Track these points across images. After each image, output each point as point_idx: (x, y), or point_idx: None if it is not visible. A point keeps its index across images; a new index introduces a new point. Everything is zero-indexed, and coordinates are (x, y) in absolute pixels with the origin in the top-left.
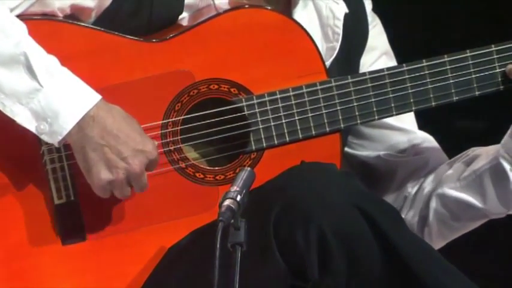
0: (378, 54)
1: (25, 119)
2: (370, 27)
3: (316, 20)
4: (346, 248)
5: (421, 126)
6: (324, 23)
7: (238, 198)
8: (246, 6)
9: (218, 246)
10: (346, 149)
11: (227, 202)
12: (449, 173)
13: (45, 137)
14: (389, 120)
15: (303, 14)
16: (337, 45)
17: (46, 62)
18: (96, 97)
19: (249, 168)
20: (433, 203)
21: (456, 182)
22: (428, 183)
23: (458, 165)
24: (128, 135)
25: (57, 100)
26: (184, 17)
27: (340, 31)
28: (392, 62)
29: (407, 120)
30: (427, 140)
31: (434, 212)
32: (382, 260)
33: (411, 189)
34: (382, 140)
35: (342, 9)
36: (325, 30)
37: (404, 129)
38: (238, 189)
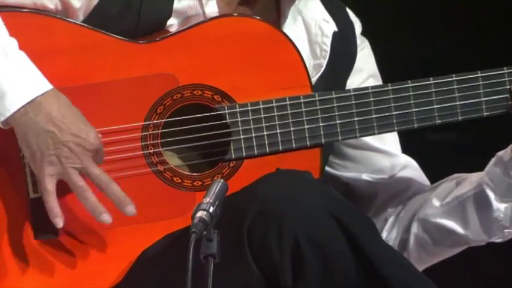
0: (365, 76)
1: None
2: (358, 49)
3: (304, 36)
4: (320, 256)
5: None
6: (312, 39)
7: (211, 209)
8: (235, 14)
9: (190, 258)
10: (327, 168)
11: (200, 214)
12: (432, 198)
13: None
14: (373, 142)
15: (292, 29)
16: (324, 62)
17: (4, 43)
18: (47, 86)
19: (222, 180)
20: (414, 228)
21: (438, 207)
22: (409, 208)
23: (441, 190)
24: (71, 122)
25: (6, 81)
26: (172, 24)
27: (328, 48)
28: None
29: (390, 142)
30: (409, 164)
31: (414, 237)
32: (356, 269)
33: (392, 212)
34: (365, 162)
35: (331, 28)
36: (313, 47)
37: (388, 151)
38: (211, 200)
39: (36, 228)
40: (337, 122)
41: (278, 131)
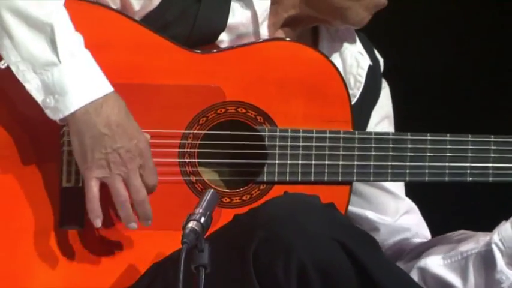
0: (381, 116)
1: (34, 88)
2: (382, 85)
3: (340, 66)
4: (326, 281)
5: None
6: (347, 70)
7: (202, 220)
8: (289, 39)
9: (182, 268)
10: None
11: (191, 224)
12: (435, 249)
13: (48, 112)
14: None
15: (330, 55)
16: (358, 93)
17: (71, 40)
18: (108, 88)
19: (212, 190)
20: (412, 274)
21: (440, 259)
22: (410, 253)
23: (445, 243)
24: (127, 129)
25: (70, 79)
26: (223, 40)
27: (363, 80)
28: (391, 128)
29: (398, 186)
30: (413, 209)
31: None
32: None
33: (389, 254)
34: (371, 199)
35: (366, 61)
36: (347, 76)
37: (394, 193)
38: (202, 211)
39: (62, 218)
40: (372, 163)
41: (313, 162)
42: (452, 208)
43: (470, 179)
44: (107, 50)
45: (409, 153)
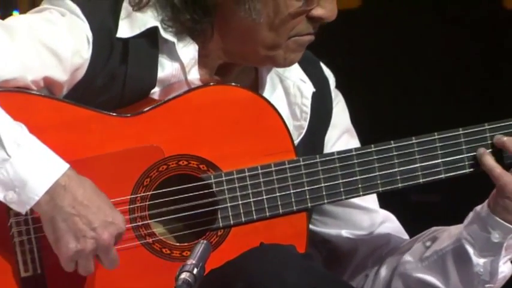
0: (340, 132)
1: None
2: (333, 104)
3: (283, 98)
4: None
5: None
6: (292, 101)
7: (195, 271)
8: (215, 83)
9: None
10: None
11: (183, 275)
12: (411, 253)
13: (14, 206)
14: (352, 199)
15: (270, 91)
16: (305, 124)
17: (13, 131)
18: (64, 166)
19: (205, 241)
20: (395, 283)
21: (418, 262)
22: (389, 262)
23: (420, 244)
24: (99, 207)
25: (24, 170)
26: (155, 91)
27: (309, 110)
28: (354, 140)
29: (369, 199)
30: (388, 218)
31: None
32: None
33: (372, 268)
34: (344, 218)
35: (309, 88)
36: (292, 108)
37: (367, 207)
38: (194, 262)
39: None
40: (323, 185)
41: (264, 197)
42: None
43: (445, 175)
44: (37, 137)
45: (357, 169)
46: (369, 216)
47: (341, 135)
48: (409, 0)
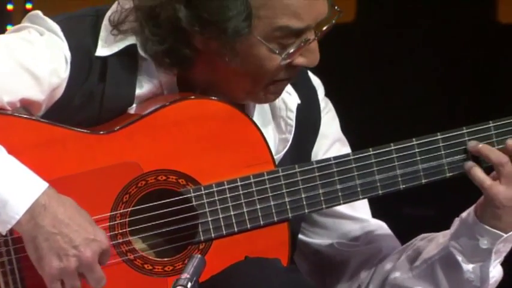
0: (330, 142)
1: None
2: (322, 113)
3: (268, 111)
4: None
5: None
6: (277, 114)
7: (189, 285)
8: (193, 97)
9: None
10: (300, 236)
11: None
12: (401, 262)
13: None
14: (343, 209)
15: (256, 104)
16: (290, 137)
17: None
18: (43, 185)
19: (199, 255)
20: None
21: (408, 271)
22: (380, 272)
23: (410, 253)
24: (80, 225)
25: (4, 190)
26: (132, 107)
27: (293, 123)
28: (346, 148)
29: (360, 209)
30: (380, 227)
31: None
32: None
33: (364, 278)
34: (335, 229)
35: (294, 101)
36: (277, 121)
37: (358, 217)
38: (188, 276)
39: None
40: (303, 195)
41: (245, 209)
42: None
43: (425, 181)
44: (16, 156)
45: (337, 177)
46: (360, 226)
47: (332, 145)
48: (402, 13)
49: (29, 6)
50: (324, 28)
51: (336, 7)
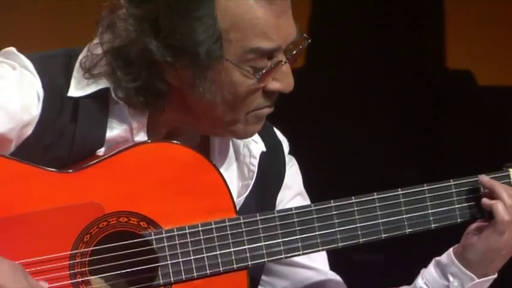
0: (293, 193)
1: None
2: (287, 167)
3: (233, 158)
4: None
5: None
6: (241, 160)
7: None
8: (157, 140)
9: None
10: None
11: None
12: None
13: None
14: (300, 259)
15: (221, 150)
16: (251, 183)
17: None
18: None
19: None
20: None
21: None
22: None
23: None
24: (16, 281)
25: None
26: (101, 150)
27: (255, 169)
28: (306, 203)
29: (317, 259)
30: (334, 279)
31: None
32: None
33: None
34: (292, 278)
35: (259, 148)
36: (241, 168)
37: (315, 268)
38: None
39: None
40: (263, 243)
41: (205, 255)
42: None
43: (385, 235)
44: None
45: (297, 228)
46: (317, 277)
47: (294, 197)
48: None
49: None
50: (294, 52)
51: (304, 34)
